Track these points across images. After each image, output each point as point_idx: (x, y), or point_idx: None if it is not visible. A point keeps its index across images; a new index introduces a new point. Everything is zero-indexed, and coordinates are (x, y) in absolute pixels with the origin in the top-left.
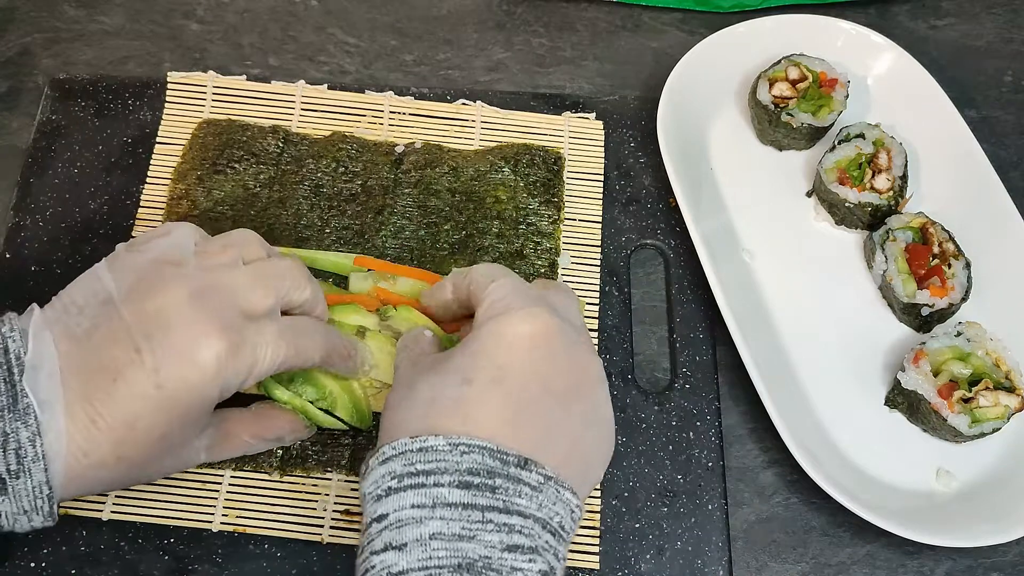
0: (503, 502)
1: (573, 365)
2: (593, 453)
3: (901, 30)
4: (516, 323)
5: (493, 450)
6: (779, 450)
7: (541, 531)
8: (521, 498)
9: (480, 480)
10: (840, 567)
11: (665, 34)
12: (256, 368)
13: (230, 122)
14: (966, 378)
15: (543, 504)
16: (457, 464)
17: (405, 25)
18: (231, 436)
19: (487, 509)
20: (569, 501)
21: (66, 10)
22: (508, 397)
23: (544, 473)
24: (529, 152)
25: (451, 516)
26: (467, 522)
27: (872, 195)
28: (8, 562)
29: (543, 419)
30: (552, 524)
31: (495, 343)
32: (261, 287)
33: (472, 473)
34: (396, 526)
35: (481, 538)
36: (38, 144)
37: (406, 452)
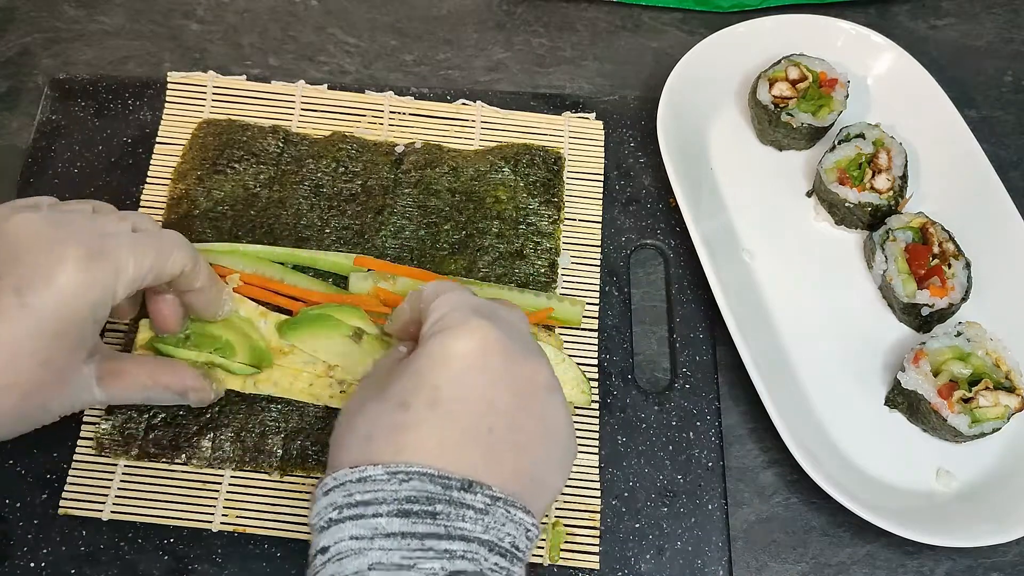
0: (444, 528)
1: (517, 378)
2: (546, 466)
3: (901, 30)
4: (454, 340)
5: (433, 475)
6: (779, 450)
7: (488, 554)
8: (465, 522)
9: (419, 507)
10: (840, 567)
11: (665, 34)
12: (121, 275)
13: (230, 122)
14: (966, 378)
15: (490, 526)
16: (395, 493)
17: (405, 25)
18: (126, 373)
19: (426, 536)
20: (522, 521)
21: (66, 10)
22: (446, 419)
23: (491, 494)
24: (529, 152)
25: (390, 546)
26: (406, 551)
27: (872, 195)
28: (8, 562)
29: (486, 438)
30: (502, 546)
31: (432, 363)
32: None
33: (411, 501)
34: (337, 558)
35: (421, 566)
36: (38, 144)
37: (345, 483)
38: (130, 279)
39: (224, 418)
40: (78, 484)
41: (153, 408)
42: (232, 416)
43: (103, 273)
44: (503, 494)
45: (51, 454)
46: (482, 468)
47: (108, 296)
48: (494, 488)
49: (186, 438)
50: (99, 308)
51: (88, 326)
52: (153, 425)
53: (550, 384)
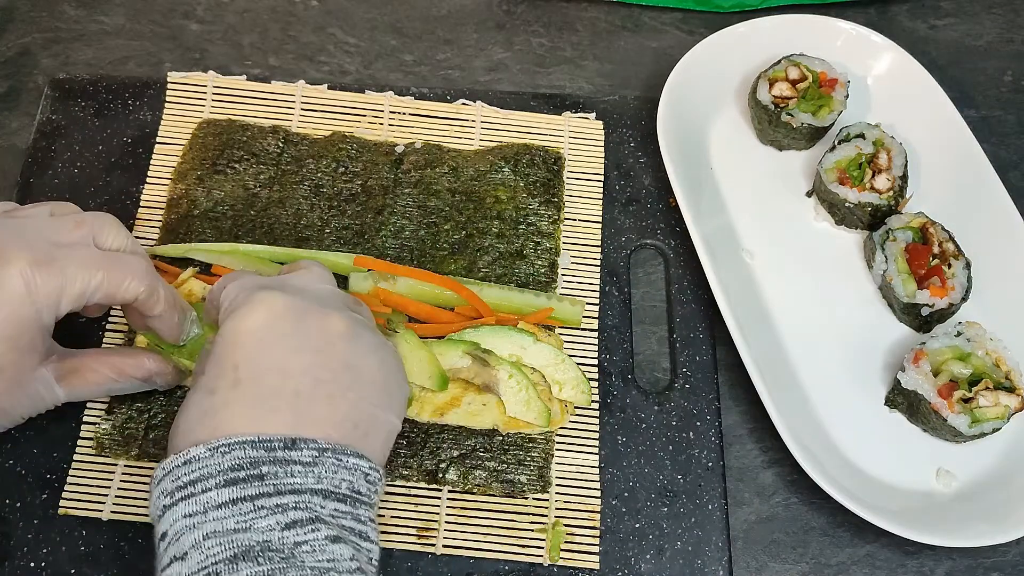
0: (274, 486)
1: (311, 334)
2: (366, 408)
3: (901, 30)
4: (241, 318)
5: (255, 441)
6: (779, 450)
7: (324, 501)
8: (294, 477)
9: (245, 473)
10: (840, 567)
11: (665, 34)
12: (67, 288)
13: (230, 122)
14: (966, 378)
15: (322, 476)
16: (220, 465)
17: (405, 25)
18: (87, 370)
19: (257, 497)
20: (356, 466)
21: (66, 10)
22: (251, 394)
23: (317, 447)
24: (529, 152)
25: (223, 515)
26: (240, 515)
27: (872, 195)
28: (8, 562)
29: (294, 399)
30: (339, 492)
31: (226, 345)
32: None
33: (236, 469)
34: (175, 539)
35: (256, 526)
36: (38, 144)
37: (172, 470)
38: (76, 293)
39: None
40: (78, 484)
41: (153, 408)
42: None
43: (51, 285)
44: (330, 444)
45: (51, 454)
46: (303, 425)
47: (53, 304)
48: (319, 440)
49: None
50: (45, 314)
51: (36, 331)
52: (153, 425)
53: (347, 331)
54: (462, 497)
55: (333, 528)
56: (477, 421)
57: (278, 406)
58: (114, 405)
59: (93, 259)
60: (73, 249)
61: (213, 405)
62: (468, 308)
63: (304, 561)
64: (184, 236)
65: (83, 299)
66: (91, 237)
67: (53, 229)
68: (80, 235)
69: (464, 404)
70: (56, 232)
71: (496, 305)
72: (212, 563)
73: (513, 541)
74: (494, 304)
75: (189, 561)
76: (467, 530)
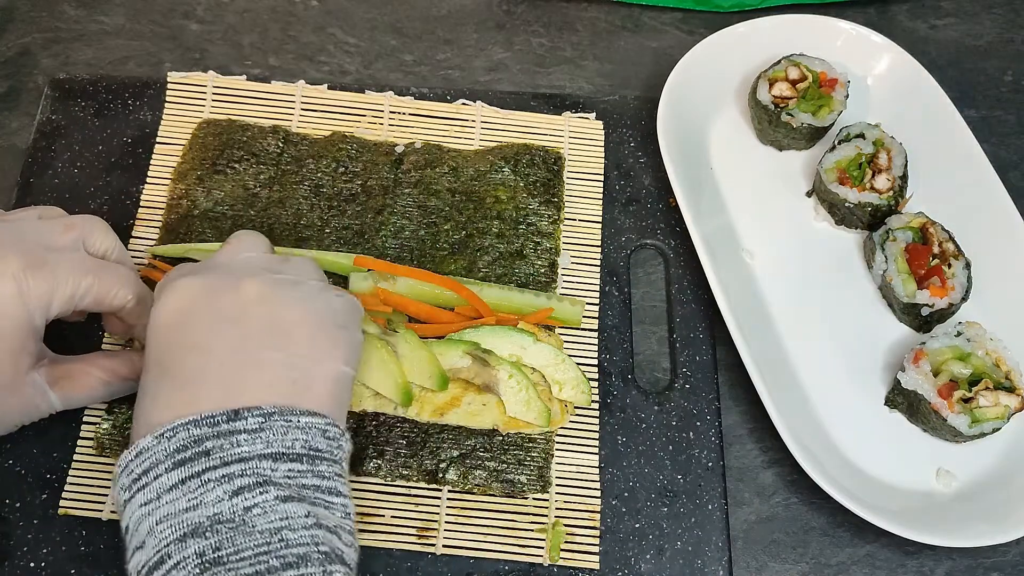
0: (220, 459)
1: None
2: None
3: (901, 30)
4: (156, 313)
5: (197, 419)
6: (779, 450)
7: (275, 464)
8: (240, 446)
9: (191, 452)
10: (840, 567)
11: (665, 34)
12: (58, 292)
13: (230, 122)
14: (966, 378)
15: (271, 441)
16: (166, 449)
17: (405, 25)
18: (80, 374)
19: (204, 472)
20: (308, 424)
21: (66, 10)
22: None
23: (261, 412)
24: (529, 152)
25: (175, 496)
26: (190, 493)
27: (872, 195)
28: (8, 562)
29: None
30: (293, 452)
31: (149, 343)
32: (60, 225)
33: (182, 450)
34: (135, 530)
35: (205, 499)
36: (38, 144)
37: (126, 465)
38: (67, 296)
39: None
40: (78, 484)
41: None
42: None
43: (41, 287)
44: (275, 408)
45: (51, 454)
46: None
47: (44, 307)
48: (263, 406)
49: None
50: (36, 317)
51: (28, 334)
52: None
53: (263, 292)
54: (462, 497)
55: (286, 488)
56: (477, 421)
57: (208, 384)
58: (114, 405)
59: (84, 264)
60: (64, 253)
61: (147, 403)
62: (468, 308)
63: (255, 525)
64: (184, 236)
65: (72, 303)
66: (81, 241)
67: (43, 232)
68: (71, 239)
69: (464, 404)
70: (47, 235)
71: (496, 305)
72: (164, 546)
73: (513, 541)
74: (494, 304)
75: (146, 549)
76: (467, 530)
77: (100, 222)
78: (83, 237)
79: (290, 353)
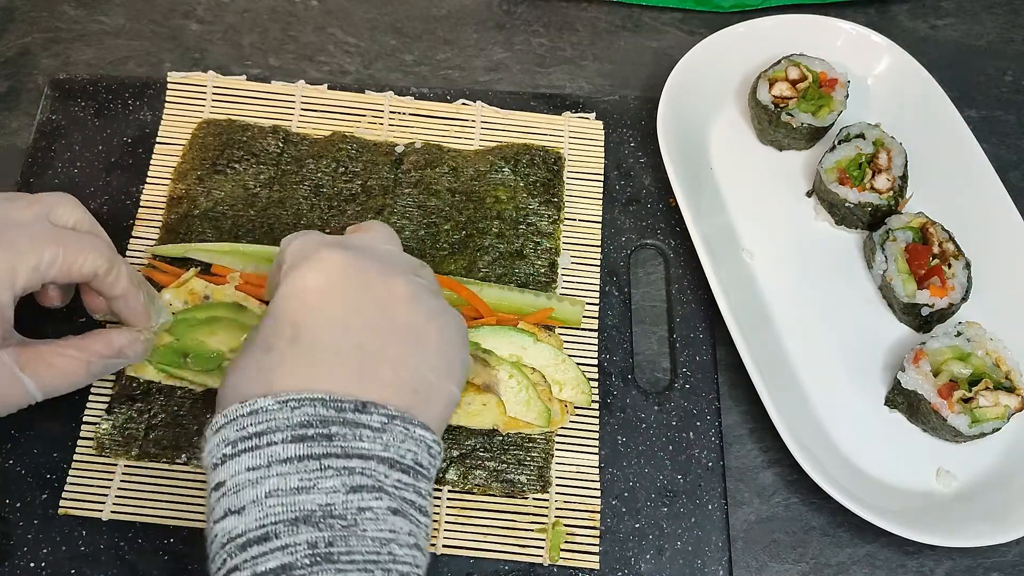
0: (341, 448)
1: (376, 296)
2: (427, 375)
3: (901, 30)
4: (302, 276)
5: (326, 400)
6: (779, 450)
7: (388, 471)
8: (362, 441)
9: (314, 431)
10: (840, 567)
11: (665, 34)
12: (20, 263)
13: (230, 122)
14: (966, 378)
15: (389, 444)
16: (288, 420)
17: (405, 25)
18: (53, 355)
19: (324, 456)
20: (422, 437)
21: (66, 10)
22: (312, 350)
23: (387, 413)
24: (529, 152)
25: (287, 471)
26: (305, 473)
27: (872, 195)
28: (8, 562)
29: (355, 360)
30: (403, 463)
31: (286, 302)
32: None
33: (305, 426)
34: (233, 491)
35: (320, 486)
36: (38, 144)
37: (237, 418)
38: (30, 267)
39: None
40: (78, 484)
41: (153, 408)
42: None
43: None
44: (398, 412)
45: (51, 454)
46: (363, 387)
47: (7, 281)
48: (388, 407)
49: (187, 438)
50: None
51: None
52: (153, 425)
53: (409, 294)
54: (462, 497)
55: (395, 500)
56: (477, 421)
57: (340, 364)
58: (114, 405)
59: (46, 234)
60: (25, 226)
61: (272, 361)
62: (468, 308)
63: (366, 530)
64: (184, 236)
65: (37, 275)
66: (45, 215)
67: (4, 208)
68: (33, 213)
69: (464, 404)
70: (7, 211)
71: (496, 305)
72: (272, 522)
73: (513, 541)
74: (494, 304)
75: (246, 516)
76: (467, 530)
77: (67, 196)
78: (48, 211)
79: (422, 363)
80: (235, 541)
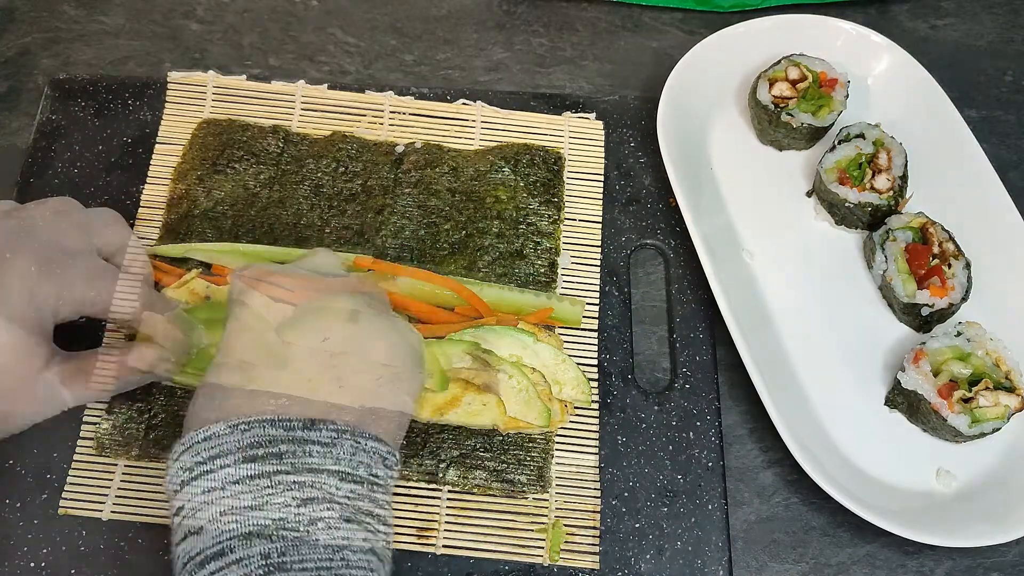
0: (291, 464)
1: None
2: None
3: (901, 30)
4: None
5: (275, 420)
6: (779, 450)
7: (340, 483)
8: (312, 457)
9: (264, 451)
10: (840, 567)
11: (665, 34)
12: (66, 295)
13: (230, 122)
14: (966, 378)
15: (340, 458)
16: (239, 442)
17: (405, 25)
18: (89, 369)
19: (275, 474)
20: (374, 449)
21: (66, 10)
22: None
23: (335, 428)
24: (529, 152)
25: (241, 490)
26: (257, 491)
27: (872, 195)
28: (8, 562)
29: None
30: (356, 474)
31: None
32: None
33: (255, 446)
34: (191, 513)
35: (272, 501)
36: (38, 144)
37: (192, 445)
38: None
39: None
40: (78, 484)
41: (153, 408)
42: None
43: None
44: (348, 427)
45: (51, 454)
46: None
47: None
48: (337, 422)
49: None
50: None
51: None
52: (153, 425)
53: (353, 314)
54: (462, 497)
55: (347, 509)
56: (477, 421)
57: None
58: (114, 405)
59: (95, 270)
60: (76, 257)
61: (227, 388)
62: (468, 308)
63: (318, 539)
64: (184, 236)
65: (82, 308)
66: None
67: (57, 232)
68: (84, 241)
69: (464, 404)
70: (60, 235)
71: (496, 304)
72: (227, 538)
73: (513, 541)
74: (494, 303)
75: (204, 536)
76: (467, 530)
77: (112, 217)
78: (95, 237)
79: (370, 380)
80: (194, 560)
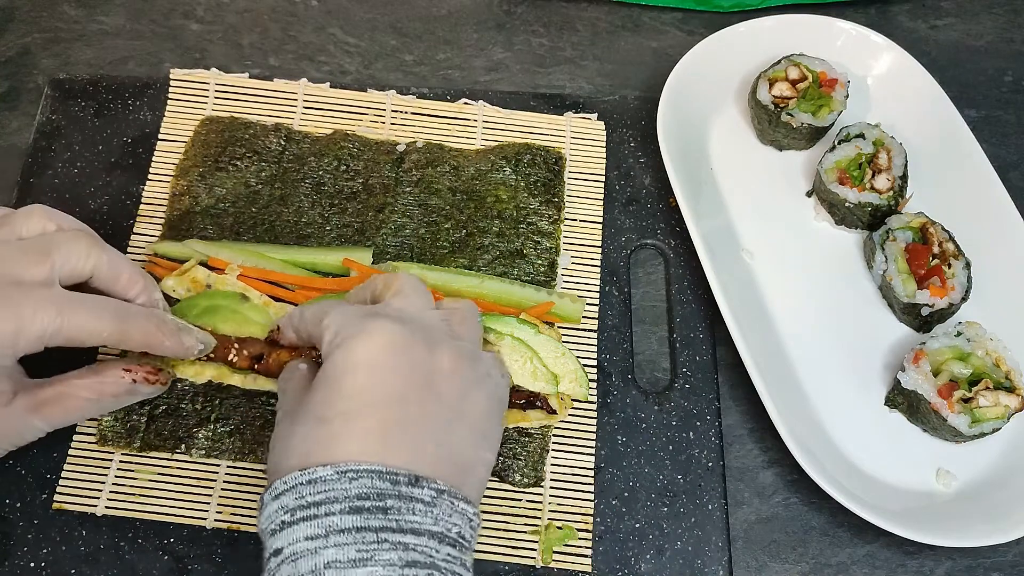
0: (396, 522)
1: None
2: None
3: (901, 30)
4: (354, 349)
5: (382, 472)
6: (779, 450)
7: (439, 545)
8: (415, 515)
9: (371, 503)
10: (840, 567)
11: (665, 34)
12: (24, 331)
13: (232, 119)
14: (966, 378)
15: (439, 518)
16: (347, 491)
17: (405, 25)
18: (65, 397)
19: (380, 530)
20: (465, 511)
21: (66, 10)
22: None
23: (436, 487)
24: (530, 152)
25: (345, 541)
26: (362, 544)
27: (872, 195)
28: (8, 562)
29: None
30: (451, 536)
31: (339, 374)
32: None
33: (362, 497)
34: (292, 559)
35: (378, 558)
36: (38, 144)
37: (296, 486)
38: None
39: (224, 411)
40: (73, 479)
41: (155, 399)
42: (232, 409)
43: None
44: (447, 486)
45: (50, 453)
46: (415, 463)
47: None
48: (439, 481)
49: (187, 429)
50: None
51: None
52: (155, 416)
53: (454, 367)
54: None
55: (445, 574)
56: None
57: (392, 437)
58: None
59: (53, 300)
60: (33, 289)
61: (327, 432)
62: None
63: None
64: (186, 233)
65: (42, 342)
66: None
67: (17, 263)
68: (44, 271)
69: None
70: (19, 266)
71: (497, 298)
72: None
73: (507, 543)
74: (495, 297)
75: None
76: None
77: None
78: (59, 266)
79: (463, 436)
80: None
